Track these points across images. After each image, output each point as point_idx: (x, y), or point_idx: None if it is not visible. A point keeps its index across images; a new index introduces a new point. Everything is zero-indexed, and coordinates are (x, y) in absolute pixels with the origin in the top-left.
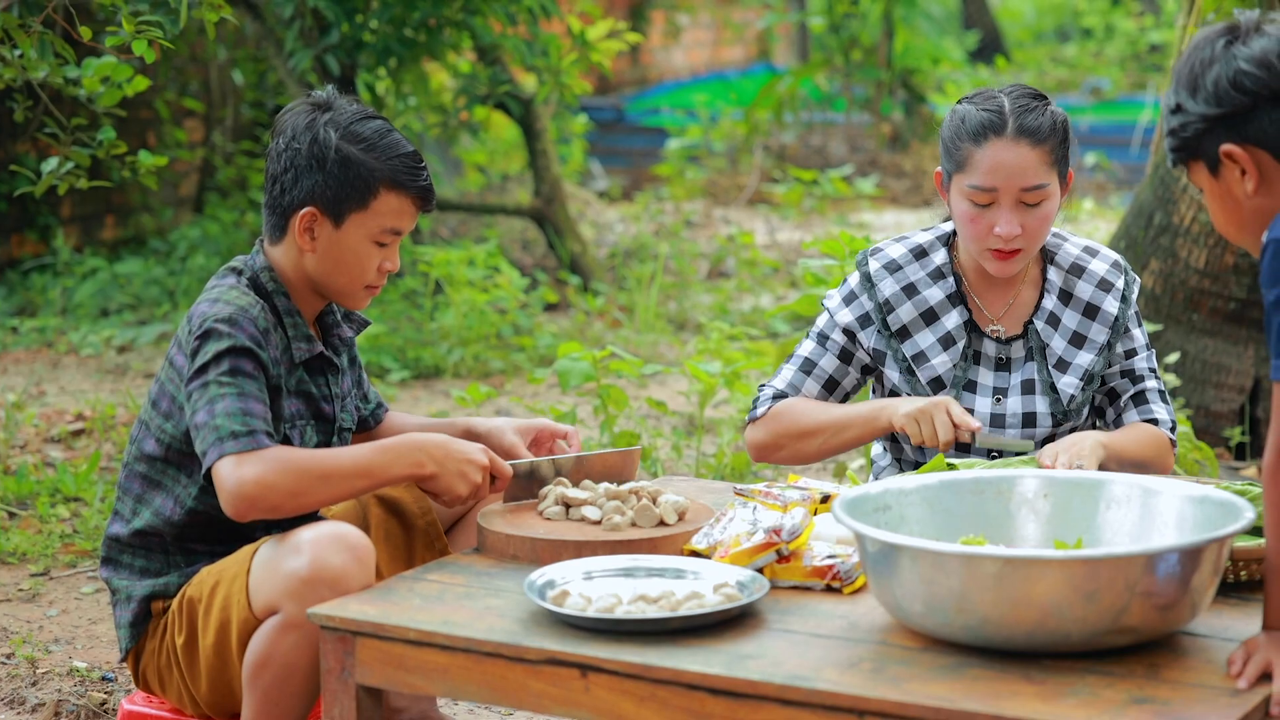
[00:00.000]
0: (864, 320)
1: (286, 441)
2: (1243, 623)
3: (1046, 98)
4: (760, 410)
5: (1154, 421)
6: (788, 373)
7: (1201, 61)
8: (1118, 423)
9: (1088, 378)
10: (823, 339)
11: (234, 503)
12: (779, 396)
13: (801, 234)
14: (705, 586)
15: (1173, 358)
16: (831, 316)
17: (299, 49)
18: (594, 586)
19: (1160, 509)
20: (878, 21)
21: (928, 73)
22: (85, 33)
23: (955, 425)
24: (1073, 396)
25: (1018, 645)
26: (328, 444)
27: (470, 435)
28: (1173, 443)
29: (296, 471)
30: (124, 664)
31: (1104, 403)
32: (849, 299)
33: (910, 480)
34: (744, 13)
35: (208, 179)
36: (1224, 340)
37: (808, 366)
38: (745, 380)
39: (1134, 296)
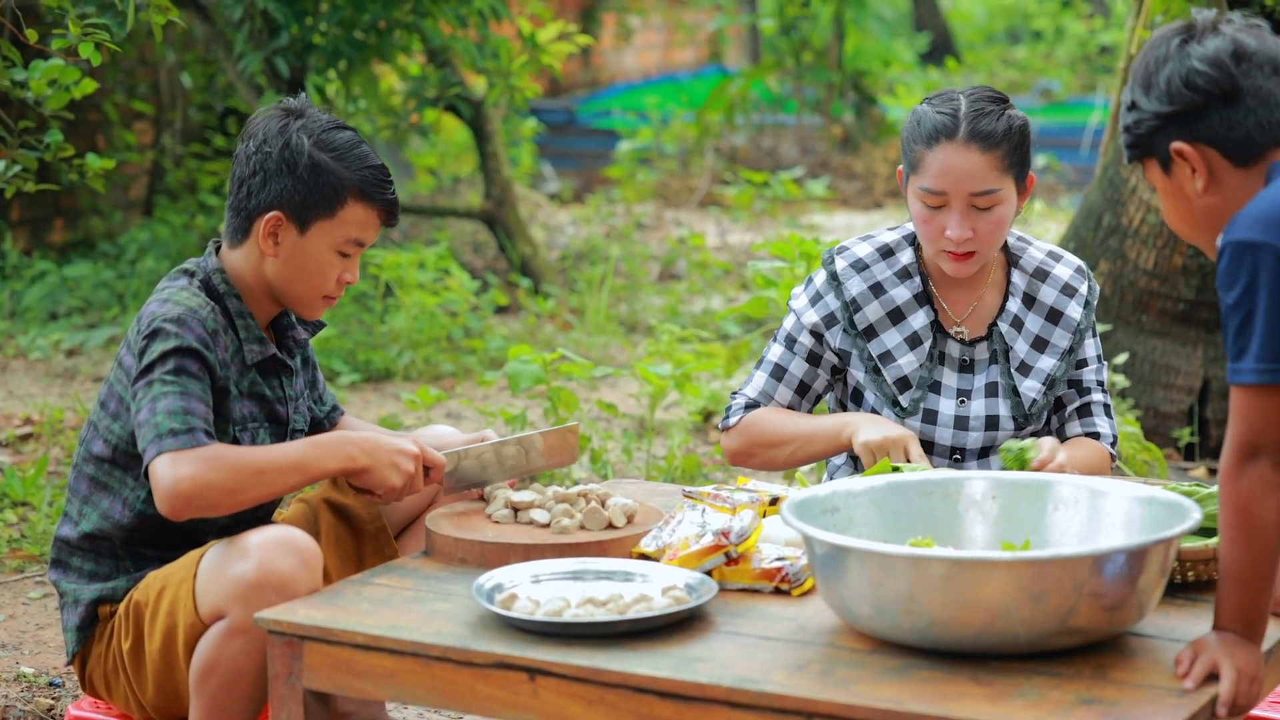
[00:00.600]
0: (830, 320)
1: (235, 444)
2: (1190, 623)
3: (1007, 101)
4: (732, 420)
5: (1095, 435)
6: (759, 379)
7: (1156, 60)
8: (1060, 432)
9: (1049, 382)
10: (790, 342)
11: (169, 500)
12: (751, 405)
13: (752, 236)
14: (654, 589)
15: (1122, 358)
16: (798, 318)
17: (248, 51)
18: (542, 590)
19: (1108, 510)
20: (828, 23)
21: (878, 75)
22: (32, 35)
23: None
24: (1034, 400)
25: (965, 647)
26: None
27: None
28: (1113, 457)
29: (232, 468)
30: (71, 667)
31: (1055, 422)
32: (815, 299)
33: (858, 483)
34: (695, 15)
35: (157, 182)
36: (1173, 341)
37: (778, 372)
38: (695, 382)
39: (1095, 303)
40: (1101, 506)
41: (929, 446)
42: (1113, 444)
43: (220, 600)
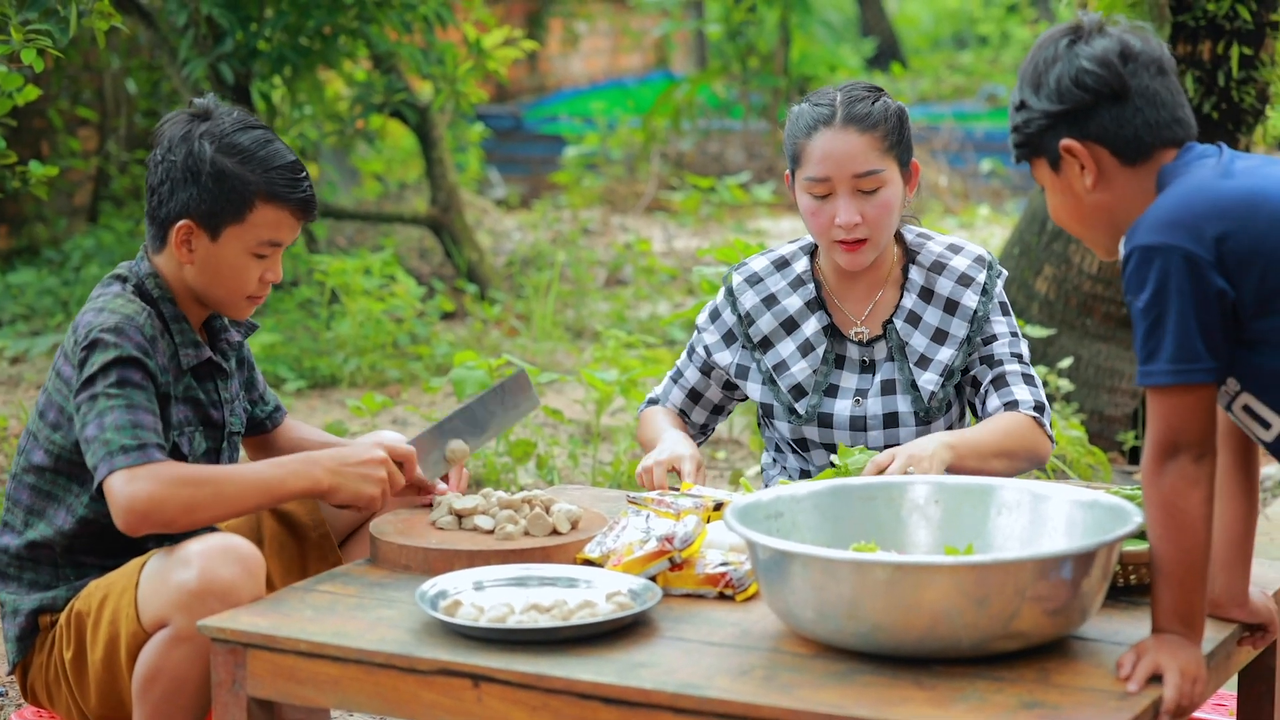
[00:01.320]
0: (728, 338)
1: (175, 449)
2: (1132, 626)
3: (881, 90)
4: (639, 412)
5: (1014, 404)
6: (665, 380)
7: (1045, 60)
8: (984, 411)
9: (947, 373)
10: (691, 351)
11: (126, 518)
12: (652, 401)
13: (699, 241)
14: (598, 595)
15: (1066, 363)
16: (699, 333)
17: (193, 57)
18: (486, 596)
19: (1050, 514)
20: (774, 29)
21: (824, 79)
22: None
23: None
24: (933, 394)
25: (908, 651)
26: (217, 450)
27: None
28: (1039, 422)
29: (190, 487)
30: (12, 677)
31: (971, 394)
32: (714, 316)
33: (802, 487)
34: (642, 20)
35: (102, 188)
36: (1117, 345)
37: (677, 375)
38: (641, 388)
39: (997, 289)
40: (1044, 510)
41: (832, 448)
42: (1037, 410)
43: (162, 609)
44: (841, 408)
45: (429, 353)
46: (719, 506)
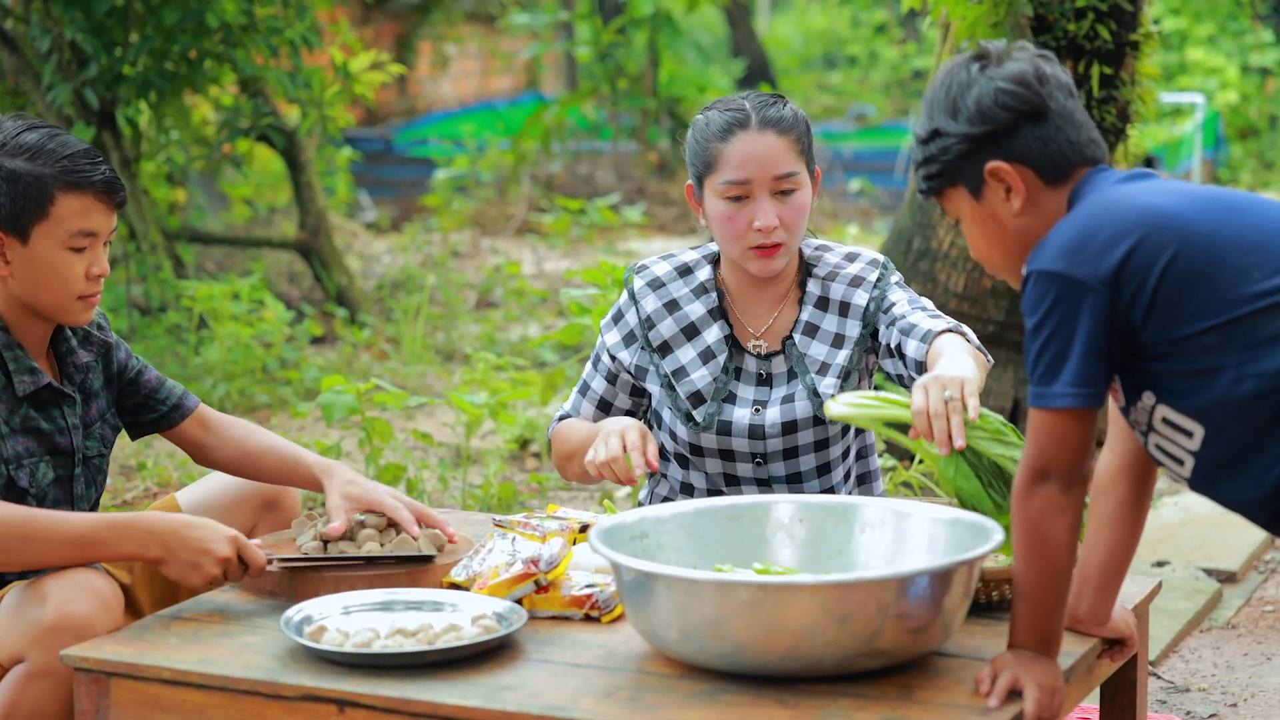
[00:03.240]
0: (629, 339)
1: (12, 483)
2: (994, 642)
3: (785, 98)
4: (549, 433)
5: (928, 335)
6: (572, 395)
7: (959, 85)
8: (911, 367)
9: (843, 374)
10: (596, 360)
11: None
12: (563, 418)
13: (569, 263)
14: (463, 619)
15: None
16: (602, 336)
17: (57, 82)
18: (351, 621)
19: (912, 532)
20: (643, 51)
21: (694, 100)
22: None
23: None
24: (832, 396)
25: (772, 670)
26: (69, 476)
27: (304, 477)
28: (964, 335)
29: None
30: None
31: (897, 367)
32: (616, 317)
33: (666, 508)
34: (512, 43)
35: None
36: None
37: (584, 388)
38: (511, 410)
39: (891, 281)
40: (906, 528)
41: (729, 455)
42: (952, 330)
43: (19, 644)
44: (740, 415)
45: (298, 377)
46: (584, 528)
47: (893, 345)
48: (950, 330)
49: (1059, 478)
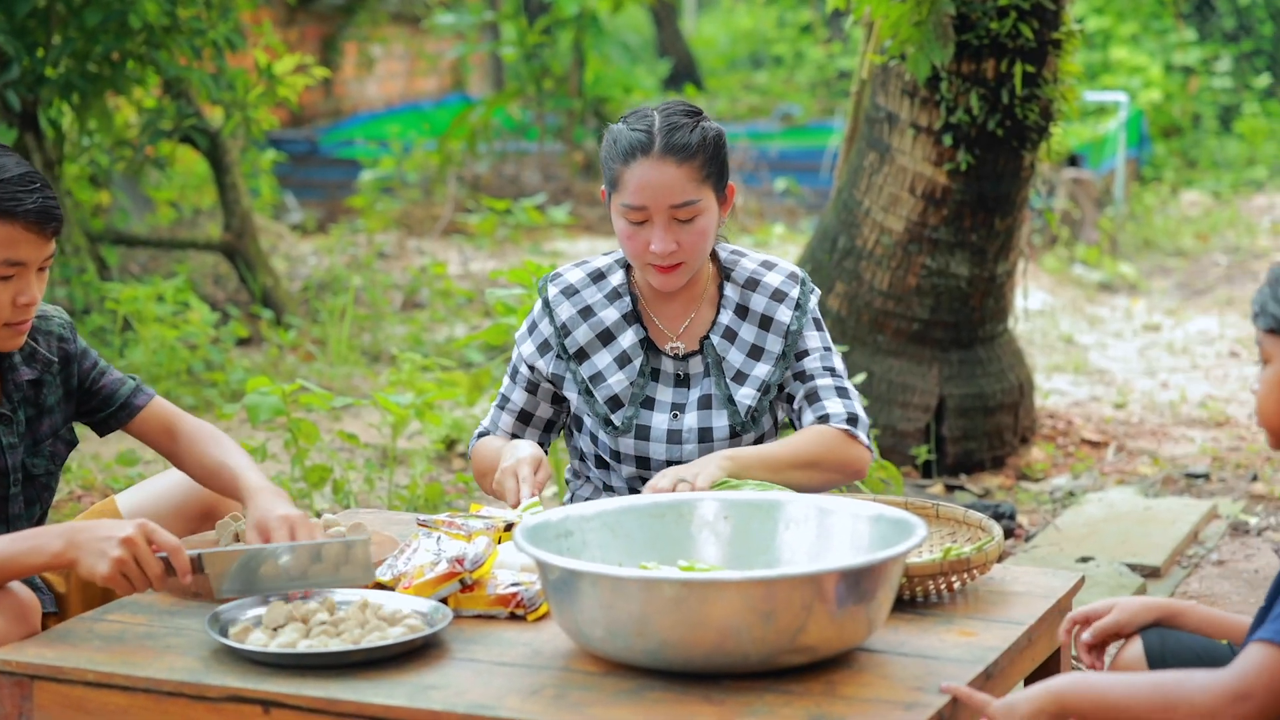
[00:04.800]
0: (543, 348)
1: None
2: (919, 638)
3: (700, 113)
4: (470, 449)
5: (825, 417)
6: (491, 410)
7: None
8: (797, 424)
9: (765, 388)
10: (514, 373)
11: None
12: (483, 434)
13: (496, 263)
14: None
15: (860, 378)
16: (518, 347)
17: None
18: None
19: (836, 528)
20: (568, 51)
21: (620, 101)
22: None
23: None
24: (750, 407)
25: (697, 667)
26: (4, 496)
27: (238, 498)
28: (851, 434)
29: None
30: None
31: (787, 411)
32: (531, 328)
33: (590, 507)
34: (437, 43)
35: None
36: (909, 360)
37: (503, 402)
38: (437, 411)
39: (811, 304)
40: (830, 525)
41: (645, 462)
42: (849, 421)
43: None
44: (659, 421)
45: (224, 379)
46: (509, 527)
47: (795, 398)
48: (829, 417)
49: (1253, 701)
